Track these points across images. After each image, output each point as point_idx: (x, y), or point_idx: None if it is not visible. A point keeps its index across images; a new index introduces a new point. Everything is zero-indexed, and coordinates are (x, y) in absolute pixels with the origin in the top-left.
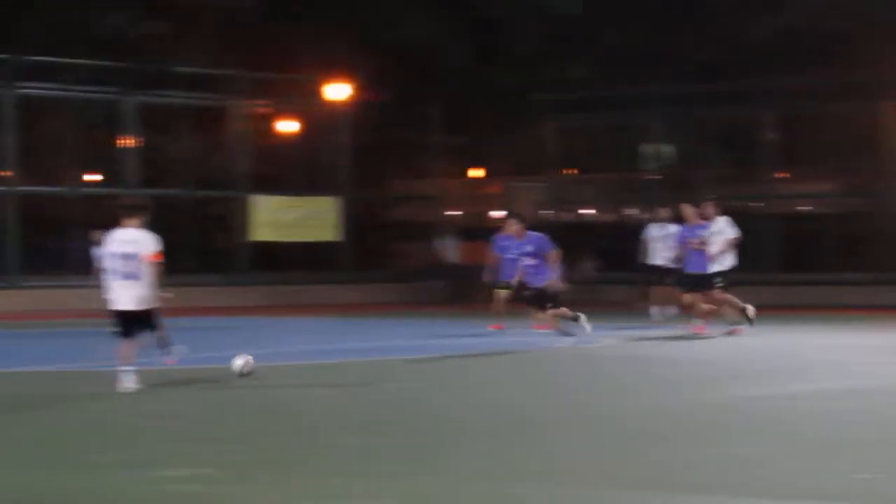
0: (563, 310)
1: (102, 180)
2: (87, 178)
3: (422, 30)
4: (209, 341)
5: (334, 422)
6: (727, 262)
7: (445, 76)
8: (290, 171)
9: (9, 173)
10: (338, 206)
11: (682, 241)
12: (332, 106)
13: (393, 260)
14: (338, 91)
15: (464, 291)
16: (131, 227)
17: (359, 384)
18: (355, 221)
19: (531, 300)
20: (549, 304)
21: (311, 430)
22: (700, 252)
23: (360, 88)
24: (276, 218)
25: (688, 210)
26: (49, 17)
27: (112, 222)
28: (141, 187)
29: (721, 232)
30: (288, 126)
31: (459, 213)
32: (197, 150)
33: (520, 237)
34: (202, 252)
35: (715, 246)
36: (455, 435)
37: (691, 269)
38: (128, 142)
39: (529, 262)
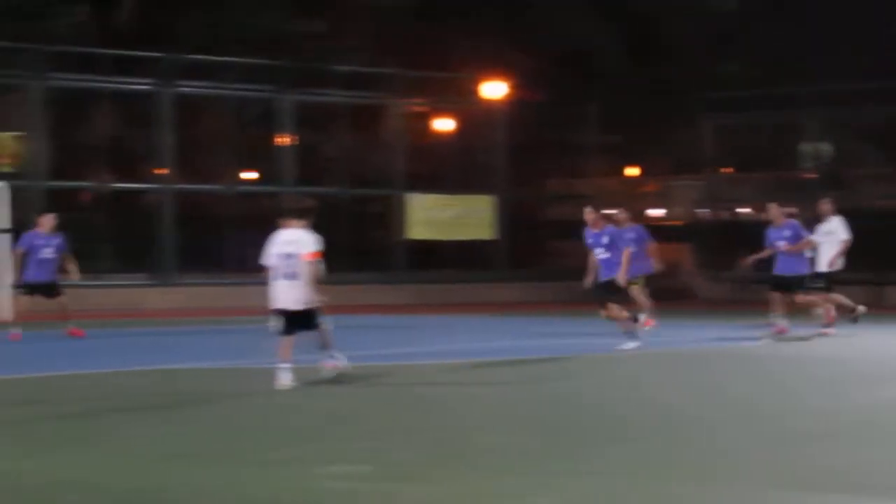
0: (624, 312)
1: (258, 178)
2: (242, 176)
3: (579, 29)
4: (364, 339)
5: (491, 420)
6: (836, 264)
7: (602, 75)
8: (446, 170)
9: (165, 171)
10: (493, 204)
11: (770, 244)
12: (489, 104)
13: (548, 259)
14: (494, 90)
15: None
16: (295, 227)
17: (515, 382)
18: (510, 220)
19: (595, 294)
20: (612, 301)
21: (468, 429)
22: (788, 253)
23: (516, 87)
24: (431, 216)
25: (774, 210)
26: (206, 17)
27: (275, 222)
28: (297, 186)
29: (832, 232)
30: (444, 124)
31: (615, 212)
32: (353, 149)
33: (596, 228)
34: (358, 250)
35: (825, 246)
36: (614, 434)
37: (779, 271)
38: (284, 140)
39: (603, 255)
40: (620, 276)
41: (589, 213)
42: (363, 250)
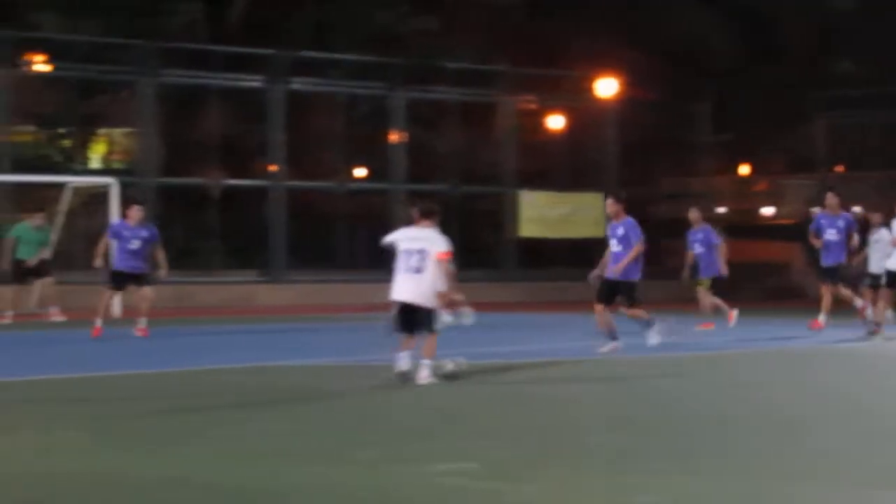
0: (641, 311)
1: (369, 176)
2: (353, 173)
3: (692, 26)
4: (475, 337)
5: (597, 418)
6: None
7: (715, 73)
8: (557, 167)
9: (276, 168)
10: (604, 202)
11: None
12: (601, 102)
13: (659, 257)
14: (606, 87)
15: (731, 289)
16: (426, 226)
17: (621, 380)
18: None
19: (600, 293)
20: (622, 300)
21: (574, 428)
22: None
23: (628, 85)
24: (542, 214)
25: (831, 199)
26: (317, 14)
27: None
28: (407, 183)
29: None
30: (555, 122)
31: (727, 210)
32: (464, 146)
33: (616, 219)
34: (468, 248)
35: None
36: (719, 432)
37: (827, 262)
38: (395, 137)
39: (616, 248)
40: (616, 270)
41: (610, 206)
42: (473, 248)
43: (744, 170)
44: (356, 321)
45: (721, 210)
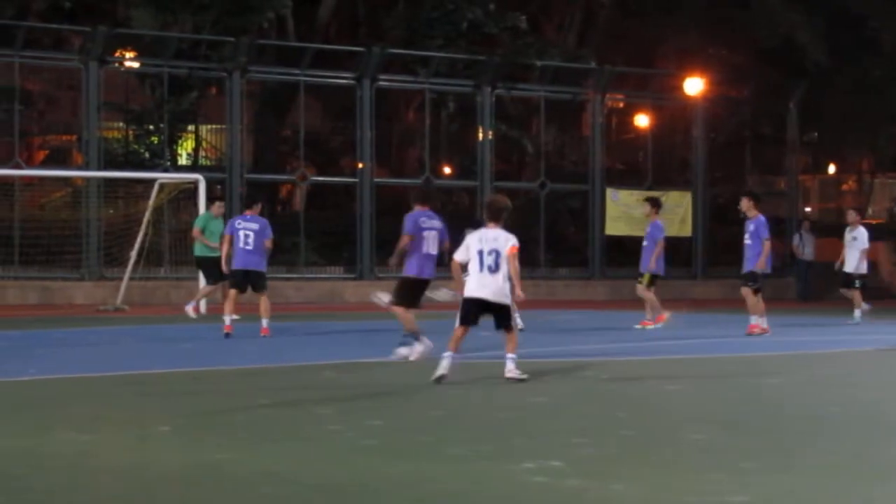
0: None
1: (457, 173)
2: (442, 170)
3: (782, 25)
4: (562, 335)
5: (686, 416)
6: None
7: (805, 71)
8: (644, 165)
9: (364, 165)
10: (691, 200)
11: None
12: (689, 100)
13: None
14: (695, 85)
15: (819, 288)
16: (495, 225)
17: (711, 378)
18: (708, 217)
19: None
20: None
21: (663, 425)
22: None
23: (717, 83)
24: (629, 212)
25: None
26: (407, 12)
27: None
28: (495, 180)
29: None
30: (643, 119)
31: (816, 209)
32: (551, 144)
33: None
34: (555, 245)
35: None
36: (813, 431)
37: None
38: (483, 134)
39: (748, 242)
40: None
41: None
42: (560, 246)
43: (831, 169)
44: (443, 318)
45: (808, 209)
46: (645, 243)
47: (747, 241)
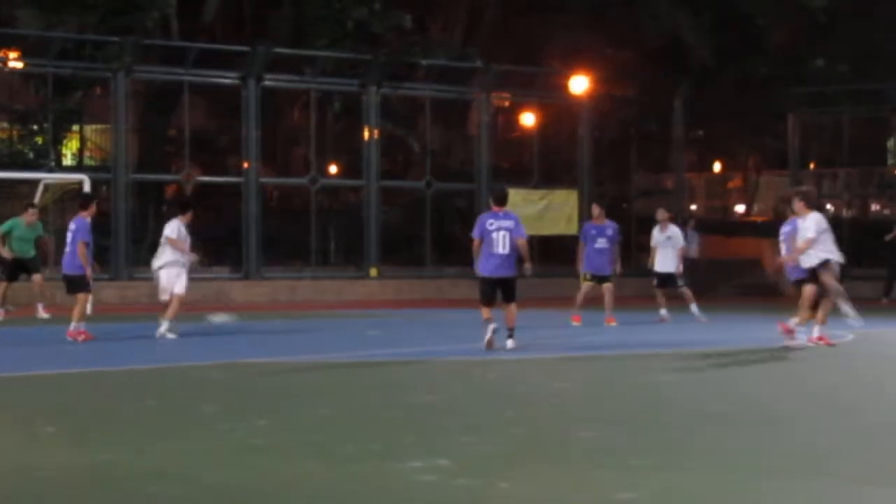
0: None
1: (343, 172)
2: (327, 169)
3: (667, 22)
4: (448, 334)
5: (575, 414)
6: None
7: (690, 69)
8: (530, 164)
9: (250, 164)
10: (577, 199)
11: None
12: (575, 99)
13: (633, 254)
14: (580, 84)
15: (705, 286)
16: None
17: (600, 376)
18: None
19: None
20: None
21: (552, 423)
22: None
23: (603, 81)
24: (516, 210)
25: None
26: (293, 11)
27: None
28: (379, 179)
29: None
30: (529, 118)
31: (700, 206)
32: (438, 143)
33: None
34: (442, 244)
35: None
36: (702, 428)
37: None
38: (369, 134)
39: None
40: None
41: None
42: (447, 244)
43: (717, 167)
44: (330, 318)
45: (694, 206)
46: (605, 245)
47: (784, 239)
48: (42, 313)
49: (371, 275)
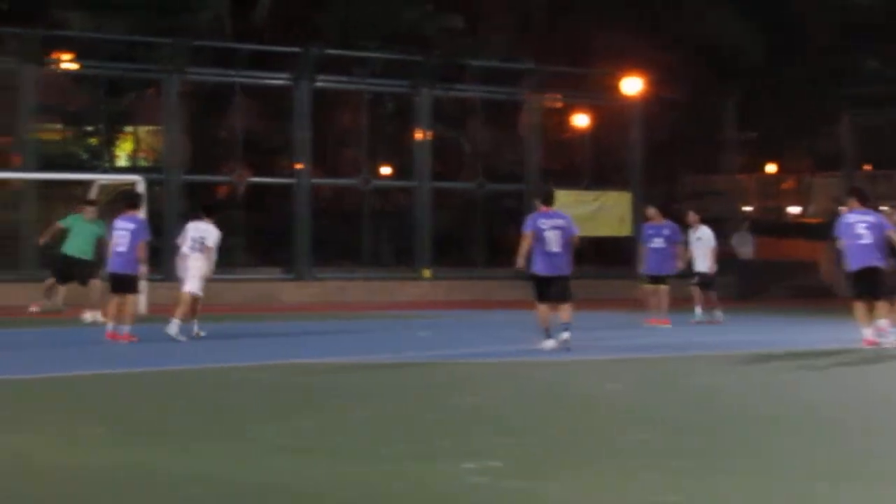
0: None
1: (394, 173)
2: (379, 170)
3: (719, 24)
4: (498, 335)
5: (625, 416)
6: None
7: (741, 71)
8: (581, 165)
9: (301, 165)
10: (629, 200)
11: None
12: (626, 100)
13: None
14: (632, 86)
15: (758, 288)
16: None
17: (656, 380)
18: (646, 216)
19: None
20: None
21: (601, 425)
22: None
23: (653, 83)
24: (567, 212)
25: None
26: (345, 12)
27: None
28: (432, 181)
29: None
30: (580, 120)
31: (753, 208)
32: (489, 144)
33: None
34: (492, 245)
35: None
36: (758, 432)
37: None
38: (420, 135)
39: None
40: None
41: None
42: (496, 245)
43: (770, 168)
44: (381, 319)
45: (747, 208)
46: (663, 245)
47: (861, 239)
48: (97, 316)
49: (423, 276)
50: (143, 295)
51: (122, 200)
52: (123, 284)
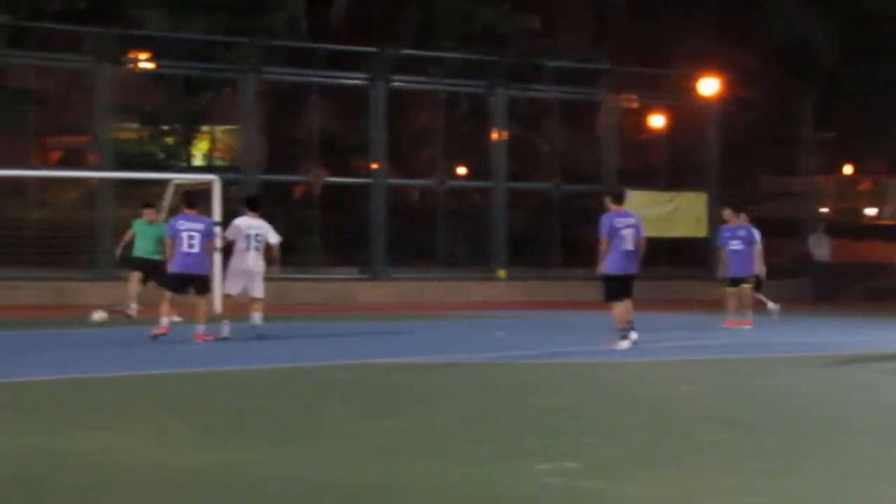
0: None
1: (470, 173)
2: (454, 170)
3: (796, 25)
4: (574, 335)
5: (703, 418)
6: None
7: (818, 71)
8: (657, 166)
9: (377, 165)
10: (706, 201)
11: None
12: (702, 101)
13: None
14: (708, 86)
15: (834, 289)
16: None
17: (732, 381)
18: (722, 217)
19: None
20: None
21: (680, 426)
22: None
23: (730, 84)
24: (642, 212)
25: None
26: (421, 12)
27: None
28: (508, 181)
29: None
30: (656, 120)
31: (829, 209)
32: (565, 144)
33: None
34: (566, 245)
35: None
36: (832, 433)
37: None
38: (496, 135)
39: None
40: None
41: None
42: (572, 246)
43: (847, 169)
44: (456, 319)
45: (824, 209)
46: (741, 247)
47: None
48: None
49: (498, 276)
50: (216, 294)
51: (183, 200)
52: (197, 285)
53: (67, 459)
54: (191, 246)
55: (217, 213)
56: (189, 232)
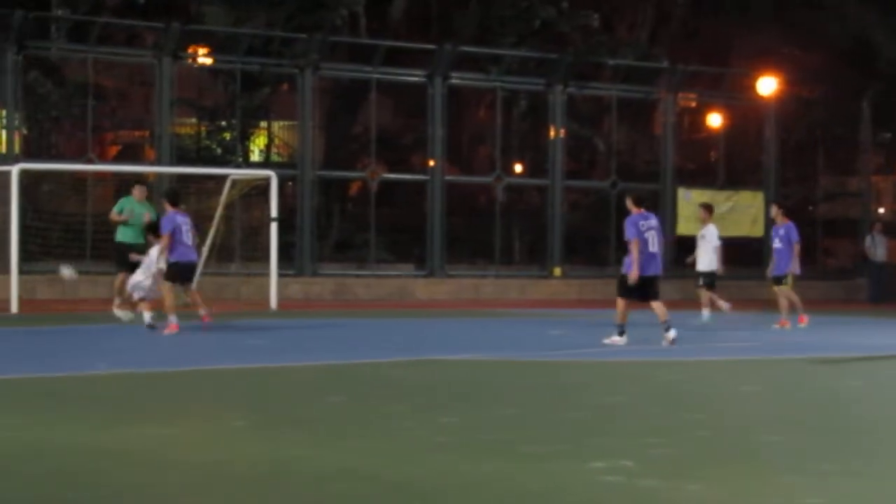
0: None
1: (527, 171)
2: (512, 168)
3: (856, 24)
4: (634, 333)
5: (762, 418)
6: None
7: (878, 70)
8: (715, 165)
9: (435, 162)
10: (763, 201)
11: None
12: (761, 100)
13: (819, 257)
14: (768, 85)
15: (890, 291)
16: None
17: (787, 379)
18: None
19: None
20: None
21: (738, 426)
22: None
23: (789, 83)
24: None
25: None
26: (480, 9)
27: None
28: (565, 179)
29: None
30: (715, 119)
31: (887, 210)
32: (623, 143)
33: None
34: (623, 244)
35: None
36: (893, 434)
37: None
38: (554, 133)
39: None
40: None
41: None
42: (626, 244)
43: None
44: (513, 317)
45: (883, 210)
46: (779, 245)
47: None
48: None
49: (554, 274)
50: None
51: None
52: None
53: (124, 455)
54: (190, 238)
55: (273, 209)
56: (187, 225)
